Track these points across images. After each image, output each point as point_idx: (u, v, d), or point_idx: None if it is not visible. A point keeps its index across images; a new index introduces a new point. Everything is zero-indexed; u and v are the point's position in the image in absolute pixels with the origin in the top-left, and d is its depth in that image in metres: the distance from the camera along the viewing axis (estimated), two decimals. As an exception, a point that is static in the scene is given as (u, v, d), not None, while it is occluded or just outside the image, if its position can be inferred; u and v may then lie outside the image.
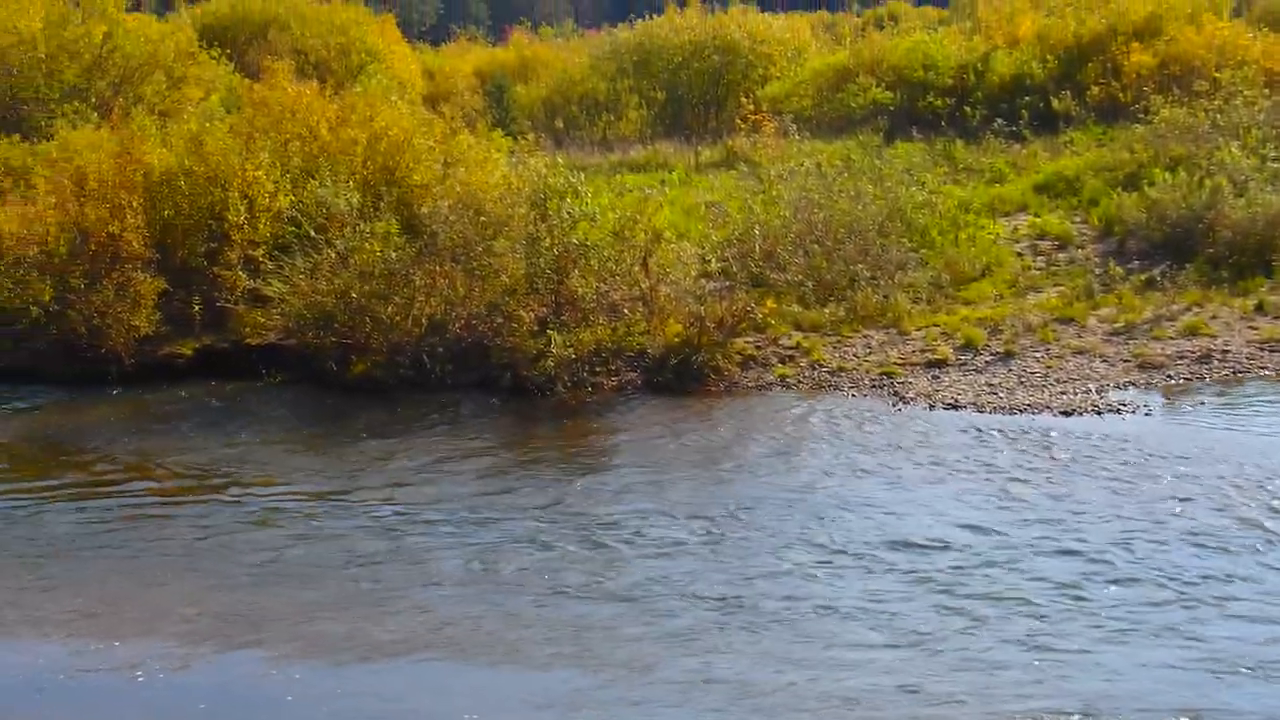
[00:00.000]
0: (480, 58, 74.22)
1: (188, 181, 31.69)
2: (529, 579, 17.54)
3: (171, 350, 30.08)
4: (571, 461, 22.80)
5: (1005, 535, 18.03)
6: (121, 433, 26.19)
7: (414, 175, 32.37)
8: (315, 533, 19.85)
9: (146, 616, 17.10)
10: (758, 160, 39.08)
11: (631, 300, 27.92)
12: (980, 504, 19.31)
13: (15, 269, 30.89)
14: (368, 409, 26.45)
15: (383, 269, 27.81)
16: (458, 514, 20.24)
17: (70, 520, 21.00)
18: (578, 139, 54.78)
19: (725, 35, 57.17)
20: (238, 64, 55.40)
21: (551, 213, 27.81)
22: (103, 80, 48.08)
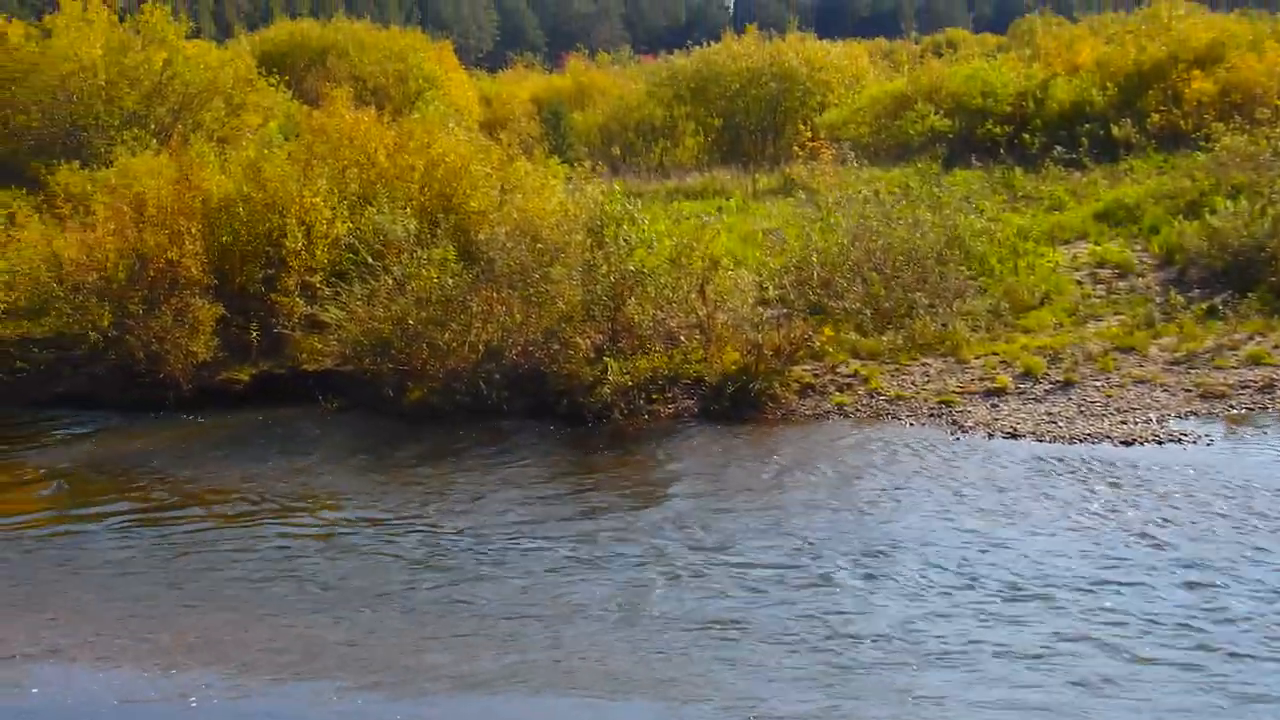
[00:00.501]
0: (537, 84, 74.53)
1: (246, 208, 31.85)
2: (588, 606, 17.38)
3: (229, 376, 30.15)
4: (628, 489, 22.62)
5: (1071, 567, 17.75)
6: (179, 458, 26.21)
7: (471, 202, 32.40)
8: (372, 559, 19.76)
9: (202, 643, 17.02)
10: (815, 187, 38.91)
11: (688, 327, 27.78)
12: (1042, 534, 19.03)
13: (75, 295, 31.09)
14: (424, 435, 26.41)
15: (440, 295, 27.79)
16: (515, 540, 20.11)
17: (128, 546, 21.00)
18: (634, 166, 54.86)
19: (783, 62, 57.17)
20: (296, 90, 55.75)
21: (608, 240, 27.72)
22: (162, 107, 48.40)
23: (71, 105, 47.62)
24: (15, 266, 33.46)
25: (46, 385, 31.25)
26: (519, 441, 25.88)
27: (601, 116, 62.99)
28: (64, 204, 34.50)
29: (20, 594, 19.09)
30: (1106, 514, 19.75)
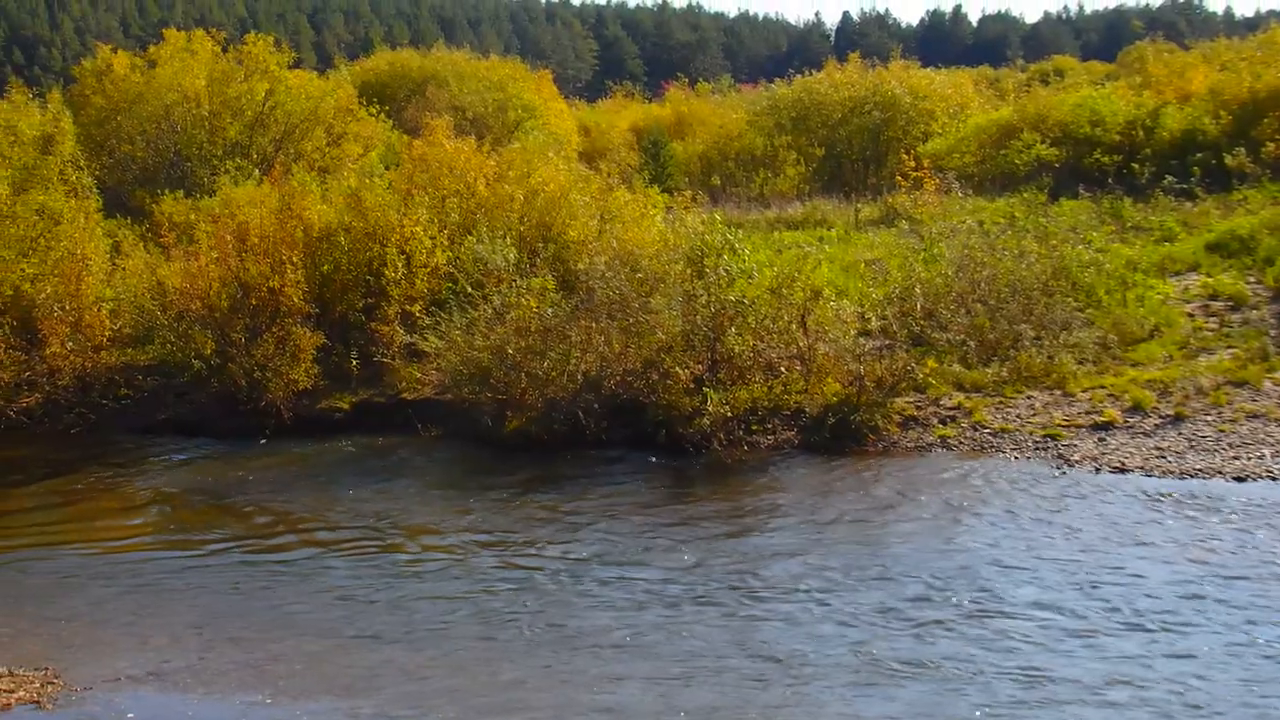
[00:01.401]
0: (636, 114, 74.61)
1: (347, 237, 32.04)
2: (687, 641, 17.14)
3: (329, 404, 30.29)
4: (728, 520, 22.38)
5: (1186, 602, 17.31)
6: (279, 485, 26.33)
7: (570, 231, 32.40)
8: (471, 588, 19.67)
9: (303, 670, 16.99)
10: (919, 217, 38.51)
11: (789, 358, 27.52)
12: (1154, 569, 18.58)
13: (179, 323, 31.35)
14: (522, 465, 26.31)
15: (539, 325, 27.71)
16: (612, 571, 19.96)
17: (229, 571, 21.11)
18: (734, 195, 54.71)
19: (886, 91, 56.82)
20: (396, 120, 56.08)
21: (708, 270, 27.51)
22: (264, 137, 48.85)
23: (175, 135, 48.18)
24: (121, 295, 33.84)
25: (150, 412, 31.57)
26: (617, 472, 25.74)
27: (701, 146, 62.91)
28: (168, 233, 34.82)
29: (123, 617, 19.22)
30: (1218, 549, 19.27)
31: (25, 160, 35.74)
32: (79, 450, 29.89)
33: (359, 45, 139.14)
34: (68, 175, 36.58)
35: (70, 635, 18.53)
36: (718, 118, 66.68)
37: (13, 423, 31.36)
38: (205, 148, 48.05)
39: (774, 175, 58.93)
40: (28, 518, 25.59)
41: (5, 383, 31.72)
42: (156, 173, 47.69)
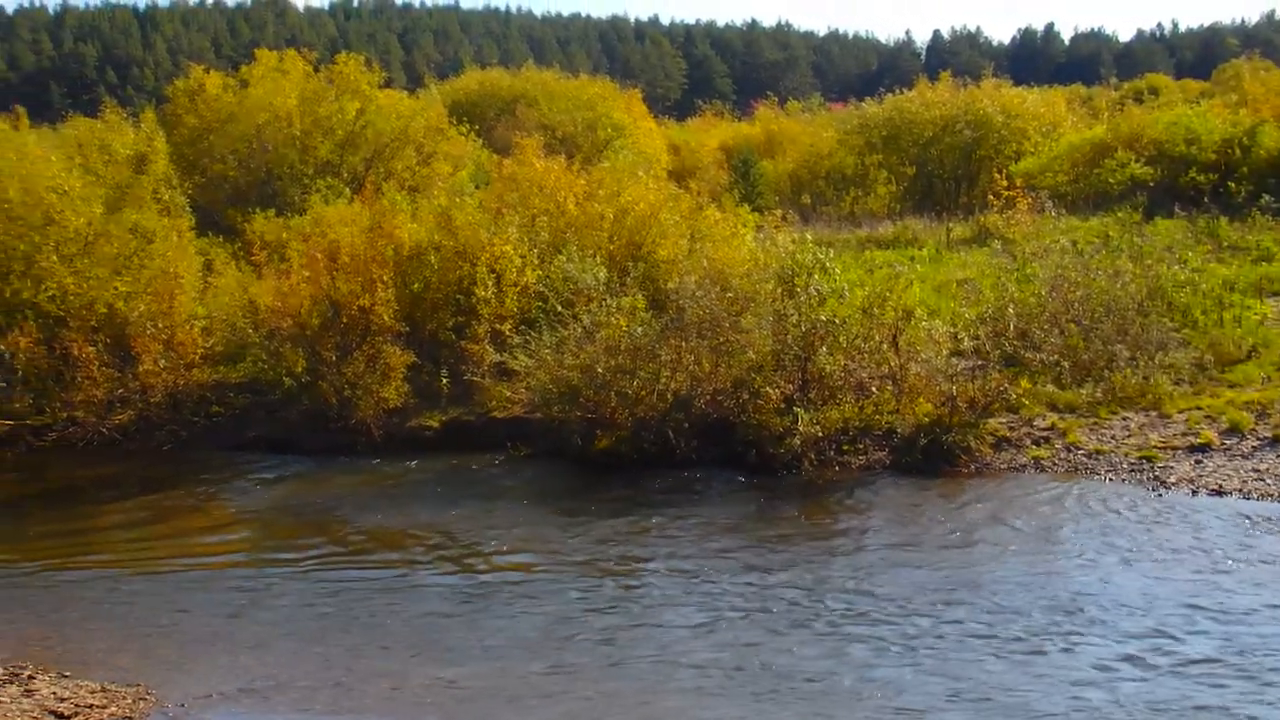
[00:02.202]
0: (726, 132, 74.59)
1: (437, 256, 32.12)
2: (777, 662, 16.94)
3: (419, 422, 30.32)
4: (818, 541, 22.17)
5: None
6: (369, 503, 26.34)
7: (660, 250, 32.33)
8: (560, 607, 19.57)
9: (394, 689, 16.93)
10: (1011, 237, 38.19)
11: (880, 378, 27.30)
12: (1253, 595, 18.19)
13: (270, 341, 31.54)
14: (612, 484, 26.21)
15: (629, 344, 27.60)
16: (701, 590, 19.79)
17: (319, 589, 21.11)
18: (825, 214, 54.54)
19: (977, 110, 56.48)
20: (486, 139, 56.25)
21: (799, 289, 27.34)
22: (355, 156, 49.16)
23: (267, 154, 48.56)
24: (213, 313, 34.11)
25: (241, 429, 31.73)
26: (707, 491, 25.58)
27: (791, 164, 62.77)
28: (259, 251, 35.05)
29: (217, 633, 19.27)
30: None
31: (119, 179, 36.21)
32: (171, 467, 30.11)
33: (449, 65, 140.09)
34: (161, 194, 37.05)
35: (162, 651, 18.60)
36: (808, 136, 66.53)
37: (106, 439, 31.65)
38: (296, 167, 48.41)
39: (864, 194, 58.75)
40: (120, 534, 25.77)
41: (99, 400, 32.03)
42: (248, 191, 48.08)
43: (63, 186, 34.49)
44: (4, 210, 34.28)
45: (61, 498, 28.77)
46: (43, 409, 32.19)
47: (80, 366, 32.13)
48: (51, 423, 32.05)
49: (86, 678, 17.25)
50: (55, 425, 32.00)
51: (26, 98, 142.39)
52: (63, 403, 32.14)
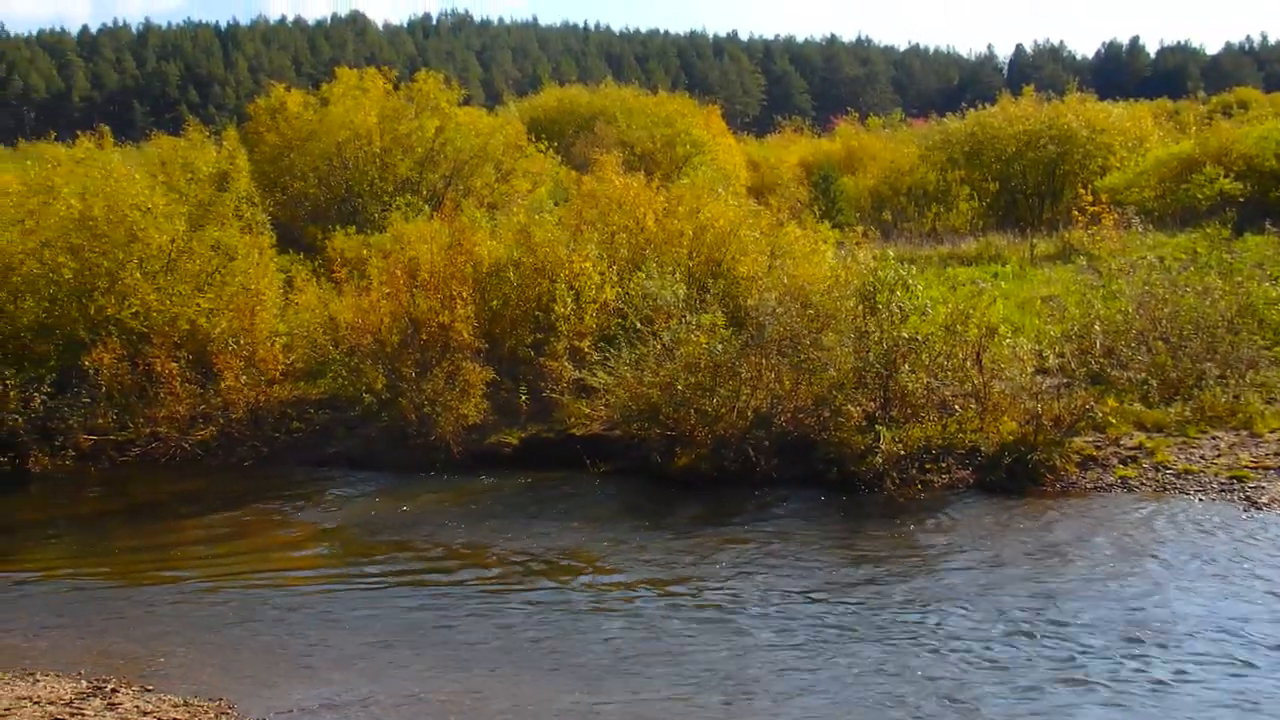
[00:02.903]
0: (805, 148, 74.39)
1: (516, 273, 32.14)
2: (864, 678, 16.68)
3: (498, 439, 30.29)
4: (901, 559, 21.87)
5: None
6: (449, 520, 26.32)
7: (740, 267, 32.20)
8: (641, 624, 19.40)
9: (474, 705, 16.78)
10: (1096, 253, 37.68)
11: (963, 396, 27.00)
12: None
13: (350, 357, 31.64)
14: (692, 502, 26.07)
15: (708, 361, 27.47)
16: (782, 609, 19.56)
17: (400, 605, 21.05)
18: (906, 231, 54.21)
19: (1062, 125, 56.00)
20: (564, 156, 56.32)
21: (881, 306, 27.11)
22: (434, 173, 49.38)
23: (347, 172, 48.87)
24: (293, 329, 34.30)
25: (321, 445, 31.85)
26: (788, 509, 25.38)
27: (872, 180, 62.49)
28: (340, 268, 35.18)
29: (295, 649, 19.25)
30: None
31: (202, 197, 36.50)
32: (251, 483, 30.25)
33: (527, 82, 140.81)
34: (243, 211, 37.29)
35: (243, 666, 18.59)
36: (889, 152, 66.24)
37: (188, 455, 31.91)
38: (376, 184, 48.68)
39: (946, 210, 58.39)
40: (201, 549, 25.90)
41: (181, 416, 32.27)
42: (328, 209, 48.41)
43: (146, 204, 34.80)
44: (89, 228, 34.62)
45: (144, 513, 28.99)
46: (126, 425, 32.44)
47: (163, 383, 32.40)
48: (135, 438, 32.32)
49: (169, 692, 17.25)
50: (138, 441, 32.27)
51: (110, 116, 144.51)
52: (146, 419, 32.40)
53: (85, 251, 34.62)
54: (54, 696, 16.86)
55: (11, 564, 25.30)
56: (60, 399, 32.42)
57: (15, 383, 32.09)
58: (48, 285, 34.74)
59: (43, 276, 34.71)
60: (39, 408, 32.13)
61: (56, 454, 31.90)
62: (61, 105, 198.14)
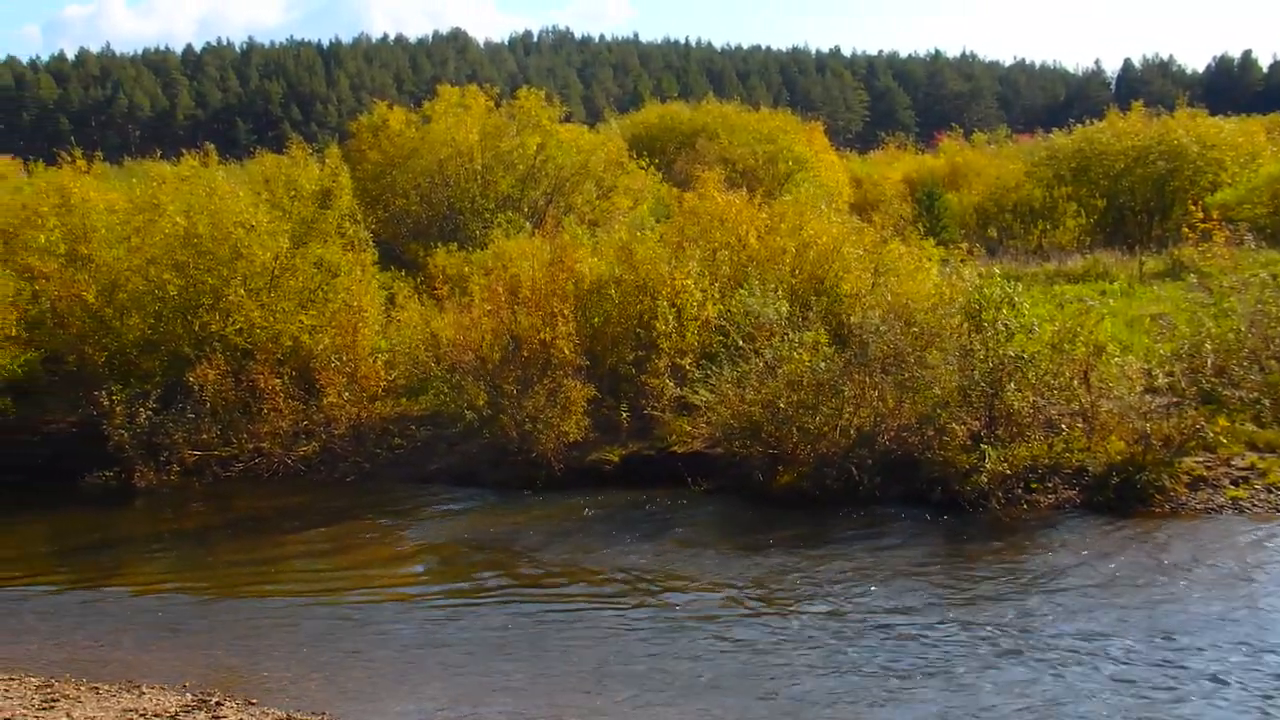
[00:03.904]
0: (909, 165, 74.00)
1: (617, 290, 32.07)
2: (967, 699, 16.39)
3: (599, 456, 30.23)
4: (1006, 579, 21.52)
5: None
6: (551, 537, 26.29)
7: (843, 284, 31.95)
8: (743, 645, 19.22)
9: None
10: (1207, 270, 37.02)
11: (1070, 415, 26.60)
12: None
13: (451, 374, 31.70)
14: (794, 520, 25.83)
15: (811, 379, 27.25)
16: (885, 629, 19.33)
17: (502, 621, 21.05)
18: (1011, 248, 53.68)
19: (1171, 140, 55.23)
20: (666, 173, 56.24)
21: (986, 324, 26.75)
22: (535, 190, 49.52)
23: (448, 189, 49.11)
24: (395, 346, 34.46)
25: (423, 462, 31.95)
26: (891, 529, 25.10)
27: (977, 197, 62.01)
28: (441, 285, 35.29)
29: (397, 665, 19.26)
30: None
31: (305, 214, 36.77)
32: (353, 499, 30.40)
33: (628, 99, 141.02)
34: (345, 229, 37.49)
35: (346, 681, 18.63)
36: (994, 168, 65.73)
37: (290, 471, 32.13)
38: (477, 201, 48.86)
39: (1053, 227, 57.79)
40: (304, 564, 26.10)
41: (284, 432, 32.51)
42: (430, 226, 48.67)
43: (250, 221, 35.10)
44: (194, 245, 34.98)
45: (247, 528, 29.20)
46: (230, 440, 32.72)
47: (266, 399, 32.67)
48: (238, 454, 32.59)
49: (272, 706, 17.35)
50: (242, 456, 32.54)
51: (214, 134, 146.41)
52: (249, 434, 32.69)
53: (190, 268, 34.99)
54: (159, 709, 17.00)
55: (117, 578, 25.61)
56: (165, 414, 32.73)
57: (121, 398, 32.42)
58: (153, 301, 35.14)
59: (148, 293, 35.11)
60: (144, 423, 32.46)
61: (161, 469, 32.23)
62: (166, 123, 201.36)
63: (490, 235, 40.44)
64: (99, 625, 22.14)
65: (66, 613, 23.17)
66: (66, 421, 35.16)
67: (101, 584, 25.08)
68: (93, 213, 38.22)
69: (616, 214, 48.45)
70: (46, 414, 35.57)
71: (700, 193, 36.74)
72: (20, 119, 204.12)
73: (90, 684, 18.47)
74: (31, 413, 35.27)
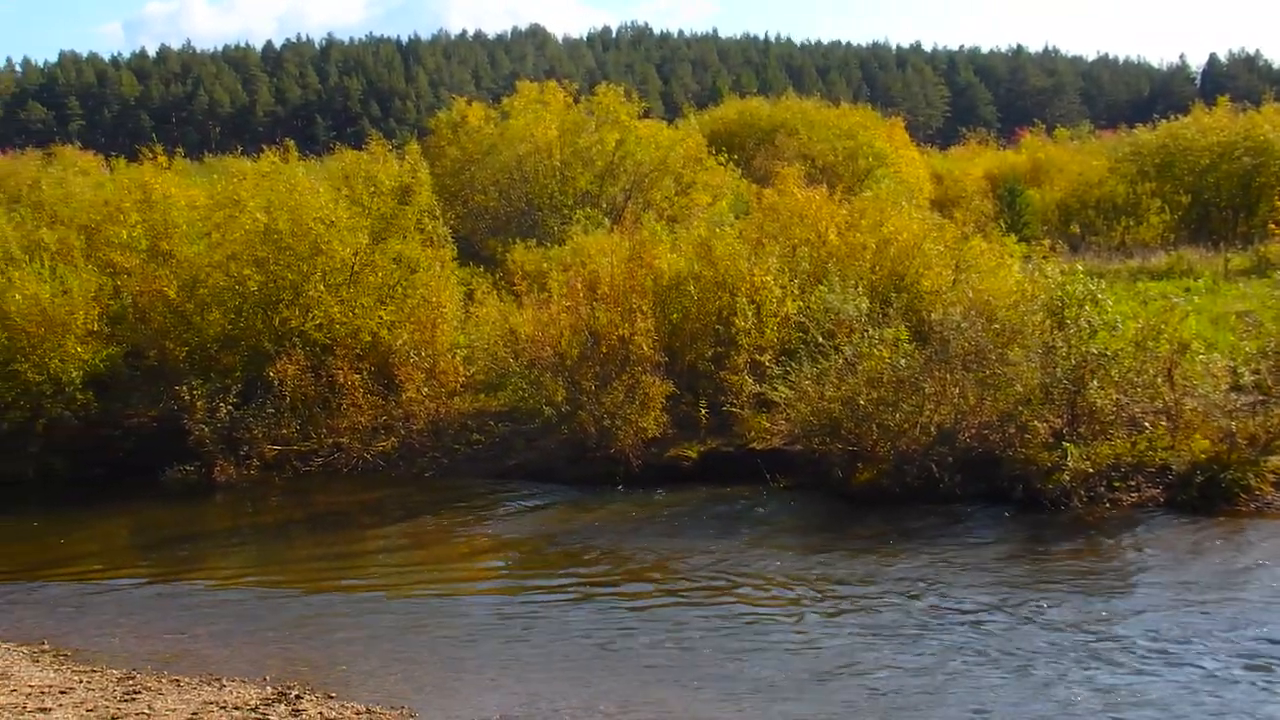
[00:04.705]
0: (990, 161, 73.42)
1: (696, 286, 31.97)
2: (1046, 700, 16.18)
3: (677, 453, 30.19)
4: (1087, 578, 21.31)
5: None
6: (627, 533, 26.26)
7: (924, 281, 31.74)
8: (821, 642, 19.08)
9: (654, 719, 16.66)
10: (1294, 267, 36.59)
11: (1154, 413, 26.28)
12: None
13: (530, 370, 31.71)
14: (873, 517, 25.71)
15: (891, 376, 27.09)
16: (969, 628, 19.12)
17: (580, 618, 21.02)
18: (1094, 244, 53.17)
19: (1258, 135, 54.53)
20: (745, 169, 56.04)
21: (1069, 321, 26.47)
22: (614, 186, 49.49)
23: (527, 185, 49.19)
24: (474, 342, 34.50)
25: (501, 457, 32.01)
26: (971, 526, 24.96)
27: (1059, 193, 61.50)
28: (520, 281, 35.31)
29: (475, 660, 19.26)
30: None
31: (384, 210, 36.86)
32: (431, 494, 30.48)
33: (706, 95, 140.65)
34: (424, 225, 37.57)
35: (423, 675, 18.63)
36: (1076, 164, 65.16)
37: (369, 466, 32.25)
38: (556, 197, 48.90)
39: (1136, 223, 57.21)
40: (382, 559, 26.22)
41: (363, 427, 32.66)
42: (508, 222, 48.74)
43: (330, 217, 35.24)
44: (274, 241, 35.17)
45: (326, 522, 29.40)
46: (309, 435, 32.89)
47: (345, 394, 32.82)
48: (317, 449, 32.75)
49: (351, 699, 17.36)
50: (321, 451, 32.69)
51: (293, 130, 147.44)
52: (328, 429, 32.85)
53: (270, 264, 35.18)
54: (240, 701, 17.10)
55: (198, 572, 25.80)
56: (245, 409, 32.95)
57: (202, 393, 32.64)
58: (234, 297, 35.37)
59: (229, 289, 35.33)
60: (225, 418, 32.67)
61: (241, 464, 32.45)
62: (246, 120, 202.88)
63: (568, 231, 40.45)
64: (179, 619, 22.28)
65: (147, 606, 23.34)
66: (148, 416, 35.45)
67: (182, 578, 25.29)
68: (174, 209, 38.54)
69: (695, 210, 48.30)
70: (128, 409, 35.85)
71: (780, 189, 36.61)
72: (102, 116, 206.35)
73: (171, 676, 18.59)
74: (113, 407, 35.54)
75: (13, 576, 25.94)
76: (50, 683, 18.21)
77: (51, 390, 34.11)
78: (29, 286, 34.40)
